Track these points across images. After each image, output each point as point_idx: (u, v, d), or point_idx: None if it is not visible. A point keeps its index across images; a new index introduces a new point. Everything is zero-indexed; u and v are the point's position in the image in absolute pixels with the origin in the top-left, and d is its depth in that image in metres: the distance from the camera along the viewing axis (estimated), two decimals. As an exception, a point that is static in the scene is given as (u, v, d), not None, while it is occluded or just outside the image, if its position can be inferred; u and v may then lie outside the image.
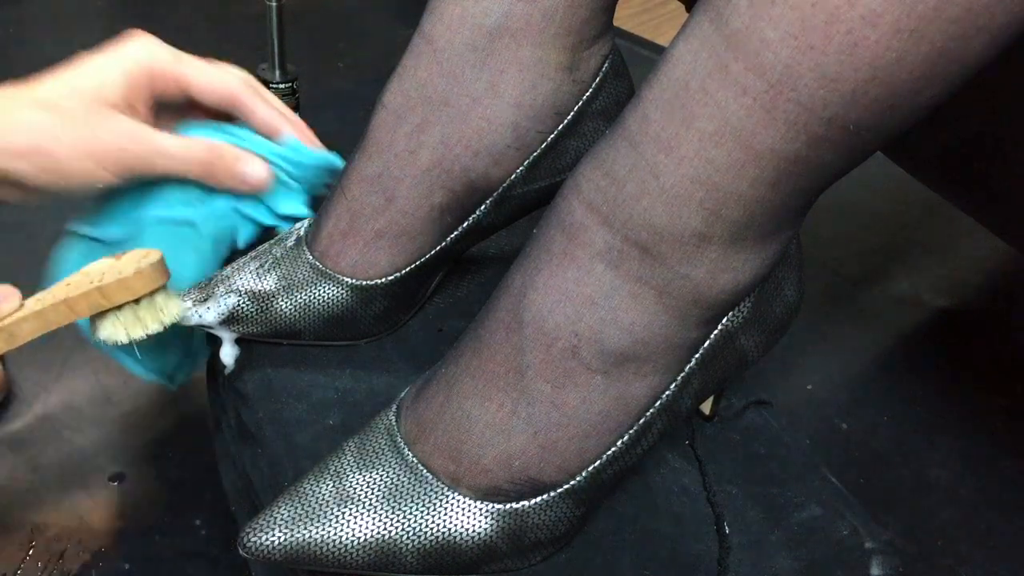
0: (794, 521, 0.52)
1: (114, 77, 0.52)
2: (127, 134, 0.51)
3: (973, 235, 0.91)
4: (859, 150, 0.39)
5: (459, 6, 0.52)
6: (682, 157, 0.39)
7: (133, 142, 0.51)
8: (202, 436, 0.70)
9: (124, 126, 0.51)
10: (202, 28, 1.28)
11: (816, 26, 0.35)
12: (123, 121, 0.52)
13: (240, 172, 0.53)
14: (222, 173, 0.53)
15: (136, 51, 0.54)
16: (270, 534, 0.45)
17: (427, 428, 0.47)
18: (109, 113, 0.51)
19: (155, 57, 0.54)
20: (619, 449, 0.46)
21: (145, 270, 0.48)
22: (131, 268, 0.48)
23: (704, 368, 0.46)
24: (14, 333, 0.49)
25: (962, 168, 0.60)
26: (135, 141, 0.51)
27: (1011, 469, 0.71)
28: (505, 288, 0.46)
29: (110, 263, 0.50)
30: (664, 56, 0.41)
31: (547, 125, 0.54)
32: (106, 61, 0.53)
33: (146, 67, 0.53)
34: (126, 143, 0.51)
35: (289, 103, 0.93)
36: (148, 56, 0.54)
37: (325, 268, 0.56)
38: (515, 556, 0.47)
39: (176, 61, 0.55)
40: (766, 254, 0.43)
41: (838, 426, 0.73)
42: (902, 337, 0.85)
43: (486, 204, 0.56)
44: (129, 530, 0.62)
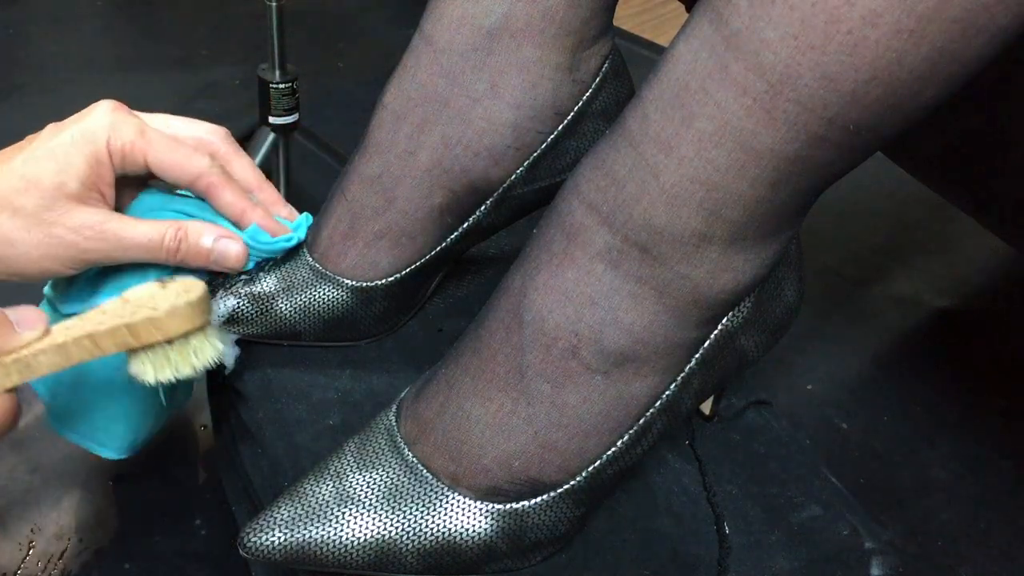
0: (794, 521, 0.52)
1: (75, 163, 0.49)
2: (87, 231, 0.49)
3: (973, 235, 0.91)
4: (859, 150, 0.39)
5: (459, 6, 0.52)
6: (682, 157, 0.39)
7: (92, 239, 0.49)
8: (202, 436, 0.70)
9: (84, 221, 0.49)
10: (202, 28, 1.28)
11: (816, 26, 0.35)
12: (82, 215, 0.49)
13: (208, 251, 0.51)
14: (192, 256, 0.51)
15: (99, 128, 0.50)
16: (270, 534, 0.45)
17: (427, 428, 0.47)
18: (67, 208, 0.49)
19: (119, 135, 0.50)
20: (619, 449, 0.46)
21: (180, 308, 0.45)
22: (166, 305, 0.45)
23: (704, 368, 0.46)
24: (30, 365, 0.45)
25: (962, 168, 0.60)
26: (95, 238, 0.49)
27: (1011, 469, 0.71)
28: (505, 288, 0.46)
29: (152, 291, 0.46)
30: (664, 56, 0.41)
31: (547, 125, 0.54)
32: (67, 144, 0.49)
33: (108, 148, 0.50)
34: (84, 240, 0.49)
35: (289, 103, 0.93)
36: (112, 135, 0.50)
37: (325, 270, 0.56)
38: (515, 556, 0.47)
39: (141, 137, 0.51)
40: (766, 254, 0.43)
41: (838, 426, 0.73)
42: (902, 337, 0.85)
43: (486, 204, 0.56)
44: (129, 530, 0.62)
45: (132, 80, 1.16)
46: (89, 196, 0.50)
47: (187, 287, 0.47)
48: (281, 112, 0.93)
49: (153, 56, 1.21)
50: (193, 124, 0.56)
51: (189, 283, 0.47)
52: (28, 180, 0.48)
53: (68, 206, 0.49)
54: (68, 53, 1.20)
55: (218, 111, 1.09)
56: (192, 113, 0.58)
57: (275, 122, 0.93)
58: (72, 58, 1.19)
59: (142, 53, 1.22)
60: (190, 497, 0.66)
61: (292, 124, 0.94)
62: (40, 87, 1.11)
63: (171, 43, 1.24)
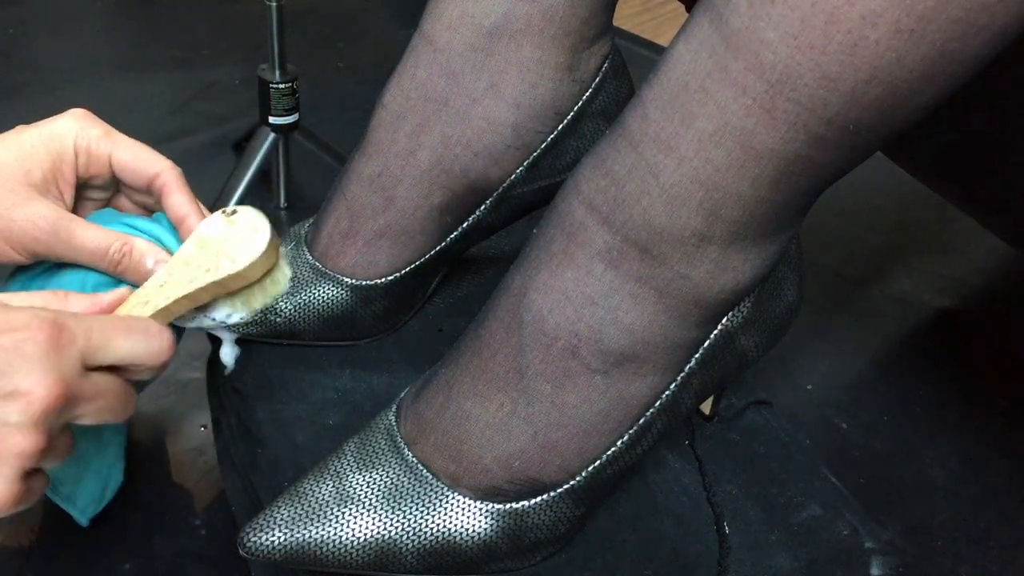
0: (794, 521, 0.52)
1: (39, 155, 0.51)
2: (42, 222, 0.50)
3: (973, 235, 0.91)
4: (859, 150, 0.39)
5: (459, 6, 0.52)
6: (682, 157, 0.39)
7: (46, 232, 0.50)
8: (202, 436, 0.70)
9: (40, 212, 0.50)
10: (202, 28, 1.28)
11: (816, 26, 0.35)
12: (40, 207, 0.50)
13: (147, 271, 0.52)
14: (130, 272, 0.52)
15: (67, 129, 0.52)
16: (270, 534, 0.45)
17: (427, 428, 0.47)
18: (28, 196, 0.50)
19: (86, 134, 0.52)
20: (619, 449, 0.46)
21: (258, 259, 0.49)
22: (246, 257, 0.49)
23: (704, 368, 0.46)
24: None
25: (962, 168, 0.60)
26: (49, 232, 0.50)
27: (1011, 469, 0.71)
28: (505, 288, 0.46)
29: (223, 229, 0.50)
30: (664, 56, 0.41)
31: (547, 125, 0.54)
32: (34, 138, 0.51)
33: (75, 146, 0.52)
34: (39, 232, 0.50)
35: (289, 103, 0.93)
36: (79, 134, 0.52)
37: (325, 268, 0.57)
38: (515, 556, 0.47)
39: (107, 137, 0.53)
40: (766, 254, 0.43)
41: (838, 426, 0.73)
42: (902, 337, 0.85)
43: (486, 204, 0.56)
44: (129, 530, 0.62)
45: (132, 80, 1.16)
46: (49, 191, 0.51)
47: (253, 224, 0.50)
48: (281, 112, 0.93)
49: (153, 56, 1.21)
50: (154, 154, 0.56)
51: (254, 219, 0.51)
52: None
53: (29, 194, 0.50)
54: (68, 53, 1.20)
55: (218, 111, 1.09)
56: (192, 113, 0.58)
57: (275, 122, 0.93)
58: (72, 58, 1.19)
59: (142, 53, 1.22)
60: (190, 497, 0.66)
61: (292, 124, 0.94)
62: (40, 87, 1.11)
63: (171, 43, 1.24)
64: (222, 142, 1.04)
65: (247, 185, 0.95)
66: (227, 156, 1.02)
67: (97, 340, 0.42)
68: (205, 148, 0.54)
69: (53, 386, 0.39)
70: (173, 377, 0.73)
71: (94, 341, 0.42)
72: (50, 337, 0.40)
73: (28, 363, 0.39)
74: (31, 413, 0.39)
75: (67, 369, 0.40)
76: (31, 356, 0.39)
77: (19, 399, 0.39)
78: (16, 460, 0.39)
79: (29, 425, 0.39)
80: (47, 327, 0.40)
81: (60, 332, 0.40)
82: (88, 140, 0.52)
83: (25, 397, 0.39)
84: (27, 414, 0.39)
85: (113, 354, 0.43)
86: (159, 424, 0.71)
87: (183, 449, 0.69)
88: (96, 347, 0.42)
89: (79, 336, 0.41)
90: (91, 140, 0.52)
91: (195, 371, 0.74)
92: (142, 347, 0.44)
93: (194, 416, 0.72)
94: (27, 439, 0.39)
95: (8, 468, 0.39)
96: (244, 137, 1.01)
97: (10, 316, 0.40)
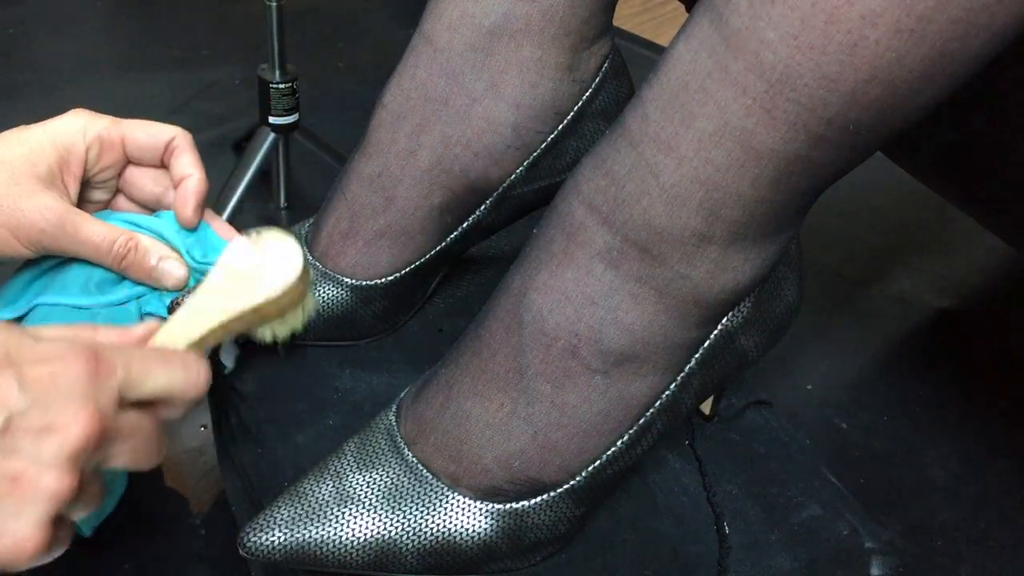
0: (794, 521, 0.52)
1: (46, 150, 0.50)
2: (49, 213, 0.49)
3: (973, 235, 0.91)
4: (859, 150, 0.39)
5: (459, 6, 0.52)
6: (682, 157, 0.39)
7: (53, 224, 0.49)
8: (202, 436, 0.70)
9: (47, 204, 0.49)
10: (202, 28, 1.28)
11: (816, 26, 0.35)
12: (47, 199, 0.49)
13: (151, 267, 0.52)
14: (134, 268, 0.52)
15: (74, 124, 0.52)
16: (270, 534, 0.45)
17: (427, 428, 0.47)
18: (34, 188, 0.49)
19: (95, 126, 0.52)
20: (619, 449, 0.46)
21: (293, 285, 0.47)
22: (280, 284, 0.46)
23: (704, 368, 0.46)
24: None
25: (962, 168, 0.60)
26: (55, 223, 0.49)
27: (1011, 469, 0.71)
28: (505, 288, 0.46)
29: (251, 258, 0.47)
30: (664, 56, 0.41)
31: (547, 125, 0.54)
32: (40, 134, 0.51)
33: (85, 139, 0.52)
34: (46, 224, 0.49)
35: (289, 103, 0.93)
36: (87, 127, 0.52)
37: (325, 268, 0.56)
38: (515, 556, 0.47)
39: (115, 124, 0.53)
40: (766, 254, 0.43)
41: (838, 426, 0.73)
42: (902, 337, 0.85)
43: (486, 204, 0.56)
44: (129, 530, 0.62)
45: (132, 80, 1.16)
46: (54, 185, 0.51)
47: (283, 252, 0.47)
48: (281, 112, 0.93)
49: (153, 56, 1.21)
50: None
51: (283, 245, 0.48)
52: (1, 157, 0.50)
53: (34, 187, 0.50)
54: (68, 53, 1.20)
55: (218, 111, 1.09)
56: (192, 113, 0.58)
57: (275, 122, 0.93)
58: (72, 58, 1.19)
59: (142, 53, 1.22)
60: (190, 497, 0.66)
61: (292, 124, 0.94)
62: (40, 87, 1.11)
63: (171, 43, 1.24)
64: (222, 142, 1.04)
65: (247, 185, 0.94)
66: (227, 156, 1.02)
67: (136, 372, 0.40)
68: (205, 148, 0.54)
69: (90, 421, 0.37)
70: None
71: (133, 373, 0.40)
72: (89, 369, 0.37)
73: (64, 397, 0.36)
74: (67, 449, 0.36)
75: (104, 403, 0.38)
76: (68, 388, 0.36)
77: (54, 435, 0.36)
78: (47, 502, 0.36)
79: (64, 463, 0.36)
80: (85, 357, 0.37)
81: (98, 363, 0.38)
82: (98, 130, 0.52)
83: (60, 433, 0.36)
84: (63, 451, 0.36)
85: (152, 387, 0.41)
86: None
87: (183, 449, 0.69)
88: (135, 380, 0.40)
89: (118, 368, 0.39)
90: (101, 129, 0.53)
91: (195, 371, 0.74)
92: (180, 379, 0.42)
93: (194, 416, 0.71)
94: (61, 479, 0.36)
95: (37, 511, 0.36)
96: (244, 137, 1.01)
97: (45, 347, 0.38)
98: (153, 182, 0.55)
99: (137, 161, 0.55)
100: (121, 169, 0.55)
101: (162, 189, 0.55)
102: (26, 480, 0.36)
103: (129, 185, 0.56)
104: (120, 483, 0.59)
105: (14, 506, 0.36)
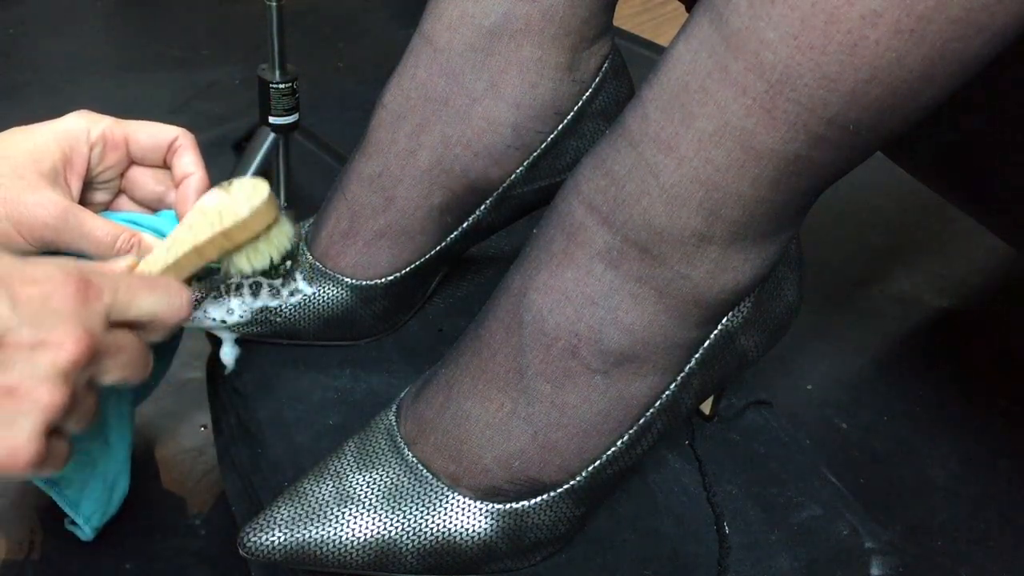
0: (794, 521, 0.52)
1: (50, 147, 0.51)
2: (53, 207, 0.50)
3: (973, 235, 0.91)
4: (859, 150, 0.39)
5: (459, 6, 0.52)
6: (682, 157, 0.39)
7: (56, 218, 0.50)
8: (202, 436, 0.70)
9: (51, 198, 0.50)
10: (202, 28, 1.28)
11: (816, 26, 0.35)
12: (50, 195, 0.50)
13: None
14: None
15: (77, 124, 0.53)
16: (270, 534, 0.45)
17: (427, 428, 0.47)
18: (38, 183, 0.50)
19: (99, 125, 0.53)
20: (619, 449, 0.46)
21: (260, 208, 0.49)
22: (245, 208, 0.49)
23: (704, 368, 0.46)
24: None
25: (962, 168, 0.60)
26: (59, 217, 0.50)
27: (1011, 469, 0.71)
28: (505, 288, 0.46)
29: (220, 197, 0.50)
30: (664, 56, 0.41)
31: (547, 125, 0.54)
32: (45, 132, 0.52)
33: (88, 138, 0.53)
34: (49, 218, 0.50)
35: (289, 103, 0.93)
36: (91, 126, 0.53)
37: (325, 268, 0.56)
38: (515, 556, 0.47)
39: (117, 124, 0.54)
40: (766, 254, 0.43)
41: (838, 426, 0.73)
42: (902, 337, 0.85)
43: (486, 204, 0.56)
44: (129, 530, 0.62)
45: (132, 80, 1.16)
46: (57, 182, 0.51)
47: (251, 186, 0.50)
48: (281, 112, 0.93)
49: (153, 56, 1.21)
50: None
51: (249, 184, 0.50)
52: (5, 152, 0.50)
53: (38, 182, 0.50)
54: (68, 53, 1.20)
55: (218, 111, 1.09)
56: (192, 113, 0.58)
57: (275, 122, 0.93)
58: (72, 58, 1.19)
59: (142, 53, 1.22)
60: (190, 497, 0.66)
61: (292, 124, 0.94)
62: (40, 87, 1.11)
63: (171, 43, 1.24)
64: (222, 142, 1.04)
65: (247, 185, 0.94)
66: (227, 156, 1.02)
67: (123, 296, 0.42)
68: (205, 148, 0.54)
69: (82, 338, 0.39)
70: (173, 377, 0.73)
71: (120, 296, 0.42)
72: (78, 291, 0.39)
73: (56, 315, 0.38)
74: (59, 365, 0.38)
75: (94, 323, 0.40)
76: (59, 308, 0.38)
77: (47, 350, 0.38)
78: (41, 413, 0.38)
79: (56, 377, 0.38)
80: (74, 280, 0.39)
81: (87, 286, 0.40)
82: (102, 129, 0.53)
83: (53, 348, 0.38)
84: (55, 366, 0.38)
85: (137, 310, 0.43)
86: (159, 424, 0.71)
87: (183, 449, 0.69)
88: (121, 302, 0.42)
89: (105, 291, 0.41)
90: (105, 129, 0.53)
91: (195, 371, 0.74)
92: (164, 303, 0.44)
93: (194, 416, 0.72)
94: (53, 392, 0.38)
95: (31, 422, 0.38)
96: (244, 137, 1.01)
97: (35, 269, 0.39)
98: (155, 181, 0.56)
99: (140, 161, 0.55)
100: (124, 169, 0.55)
101: (164, 188, 0.56)
102: (21, 393, 0.37)
103: (131, 184, 0.56)
104: (123, 483, 0.59)
105: (9, 417, 0.38)
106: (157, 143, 0.54)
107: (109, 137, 0.53)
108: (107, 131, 0.53)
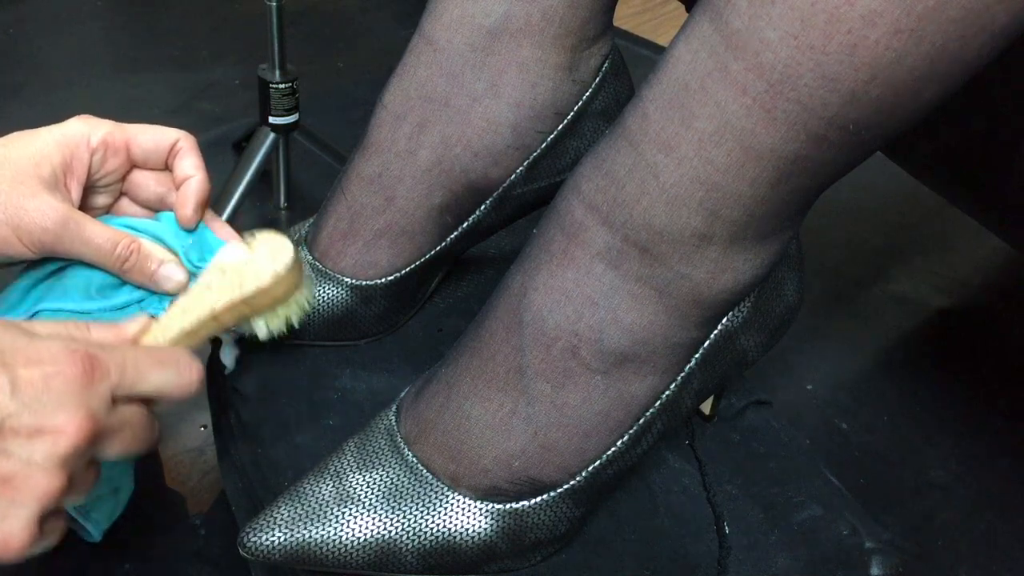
0: (794, 521, 0.52)
1: (50, 153, 0.51)
2: (53, 213, 0.49)
3: (973, 235, 0.91)
4: (859, 150, 0.39)
5: (459, 6, 0.52)
6: (682, 157, 0.39)
7: (56, 223, 0.49)
8: (202, 436, 0.70)
9: (51, 203, 0.50)
10: (202, 28, 1.28)
11: (816, 26, 0.35)
12: (50, 201, 0.50)
13: (152, 271, 0.52)
14: (136, 271, 0.52)
15: (78, 129, 0.52)
16: (270, 534, 0.45)
17: (427, 428, 0.47)
18: (38, 189, 0.50)
19: (99, 130, 0.52)
20: (619, 449, 0.46)
21: (283, 276, 0.47)
22: (269, 273, 0.47)
23: (704, 368, 0.46)
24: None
25: (962, 168, 0.60)
26: (59, 222, 0.50)
27: (1011, 469, 0.71)
28: (505, 288, 0.46)
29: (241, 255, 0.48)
30: (664, 56, 0.41)
31: (547, 125, 0.54)
32: (46, 137, 0.51)
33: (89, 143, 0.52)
34: (49, 223, 0.49)
35: (289, 103, 0.93)
36: (92, 132, 0.52)
37: (325, 268, 0.56)
38: (515, 556, 0.47)
39: (119, 128, 0.54)
40: (766, 254, 0.43)
41: (838, 426, 0.73)
42: (902, 337, 0.85)
43: (486, 204, 0.56)
44: (129, 530, 0.62)
45: (132, 80, 1.16)
46: (57, 187, 0.51)
47: (274, 247, 0.48)
48: (281, 112, 0.93)
49: (153, 56, 1.21)
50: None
51: (274, 242, 0.49)
52: (5, 157, 0.50)
53: (38, 187, 0.50)
54: (68, 53, 1.20)
55: (218, 111, 1.09)
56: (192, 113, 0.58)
57: (275, 122, 0.93)
58: (72, 58, 1.19)
59: (142, 53, 1.22)
60: (190, 497, 0.66)
61: (292, 124, 0.94)
62: (40, 87, 1.11)
63: (171, 43, 1.24)
64: (222, 142, 1.04)
65: (247, 185, 0.94)
66: (227, 156, 1.02)
67: (130, 373, 0.41)
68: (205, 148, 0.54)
69: (82, 424, 0.37)
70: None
71: (127, 374, 0.41)
72: (82, 372, 0.38)
73: (57, 400, 0.37)
74: (59, 452, 0.37)
75: (97, 405, 0.39)
76: (61, 392, 0.37)
77: (46, 438, 0.37)
78: (37, 503, 0.37)
79: (55, 465, 0.37)
80: (79, 361, 0.38)
81: (92, 366, 0.39)
82: (103, 134, 0.53)
83: (52, 436, 0.37)
84: (54, 453, 0.37)
85: (145, 386, 0.42)
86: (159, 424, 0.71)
87: (183, 449, 0.69)
88: (129, 380, 0.41)
89: (112, 370, 0.40)
90: (106, 134, 0.53)
91: (195, 371, 0.74)
92: (173, 380, 0.43)
93: (194, 416, 0.71)
94: (51, 480, 0.37)
95: (27, 510, 0.37)
96: (244, 137, 1.01)
97: (39, 347, 0.38)
98: (156, 183, 0.55)
99: (142, 165, 0.55)
100: (125, 173, 0.55)
101: (165, 189, 0.56)
102: (17, 481, 0.36)
103: (133, 186, 0.56)
104: (127, 487, 0.59)
105: (4, 507, 0.37)
106: (158, 147, 0.54)
107: (110, 142, 0.53)
108: (108, 136, 0.53)
